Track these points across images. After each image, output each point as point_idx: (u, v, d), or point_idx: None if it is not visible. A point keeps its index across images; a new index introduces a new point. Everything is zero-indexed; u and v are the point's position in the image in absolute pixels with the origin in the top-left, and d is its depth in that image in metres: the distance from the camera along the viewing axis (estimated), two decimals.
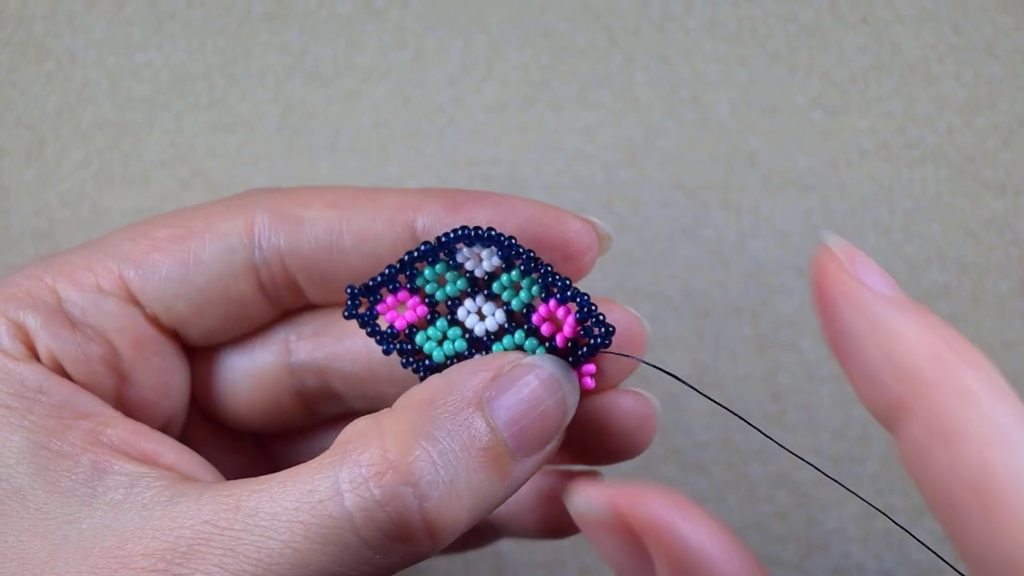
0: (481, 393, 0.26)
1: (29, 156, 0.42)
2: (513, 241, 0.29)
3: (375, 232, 0.29)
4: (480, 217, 0.29)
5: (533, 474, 0.27)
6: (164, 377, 0.30)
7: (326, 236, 0.29)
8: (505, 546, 0.41)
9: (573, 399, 0.27)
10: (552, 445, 0.27)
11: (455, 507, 0.24)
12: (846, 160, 0.42)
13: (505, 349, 0.29)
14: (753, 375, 0.41)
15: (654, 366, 0.29)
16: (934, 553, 0.28)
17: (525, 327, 0.29)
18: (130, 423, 0.27)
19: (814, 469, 0.33)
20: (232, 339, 0.31)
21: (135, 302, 0.29)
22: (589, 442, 0.30)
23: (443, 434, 0.25)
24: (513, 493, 0.26)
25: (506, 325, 0.29)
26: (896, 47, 0.42)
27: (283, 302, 0.31)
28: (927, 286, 0.41)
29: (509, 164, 0.42)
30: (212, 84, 0.42)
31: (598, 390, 0.29)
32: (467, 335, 0.29)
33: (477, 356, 0.29)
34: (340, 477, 0.24)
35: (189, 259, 0.29)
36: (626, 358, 0.29)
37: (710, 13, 0.42)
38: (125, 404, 0.29)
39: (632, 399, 0.29)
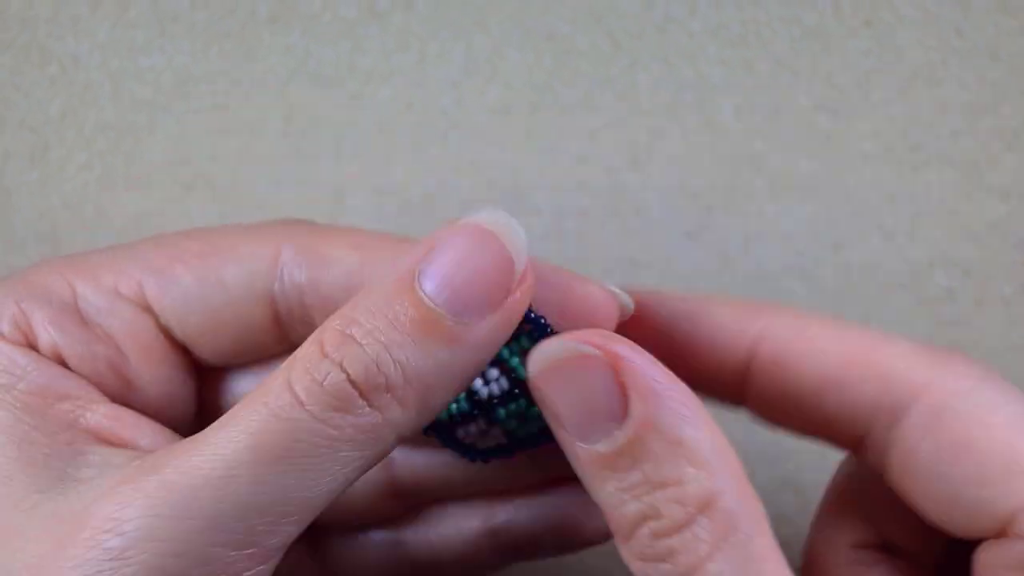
0: (414, 268, 0.25)
1: (32, 159, 0.42)
2: (545, 322, 0.28)
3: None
4: None
5: (504, 331, 0.26)
6: (169, 388, 0.29)
7: (345, 278, 0.29)
8: None
9: (518, 243, 0.26)
10: (515, 298, 0.26)
11: (390, 375, 0.24)
12: (850, 164, 0.42)
13: (508, 416, 0.29)
14: None
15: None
16: None
17: (531, 396, 0.29)
18: (113, 408, 0.27)
19: (820, 472, 0.33)
20: (239, 364, 0.31)
21: (150, 310, 0.29)
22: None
23: (368, 315, 0.25)
24: (483, 356, 0.26)
25: (511, 391, 0.29)
26: (899, 50, 0.42)
27: (295, 335, 0.30)
28: (931, 290, 0.41)
29: (512, 167, 0.42)
30: (215, 87, 0.42)
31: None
32: (472, 397, 0.29)
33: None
34: (290, 376, 0.24)
35: (210, 276, 0.29)
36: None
37: (714, 16, 0.42)
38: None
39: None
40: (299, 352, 0.25)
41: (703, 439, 0.24)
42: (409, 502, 0.32)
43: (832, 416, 0.28)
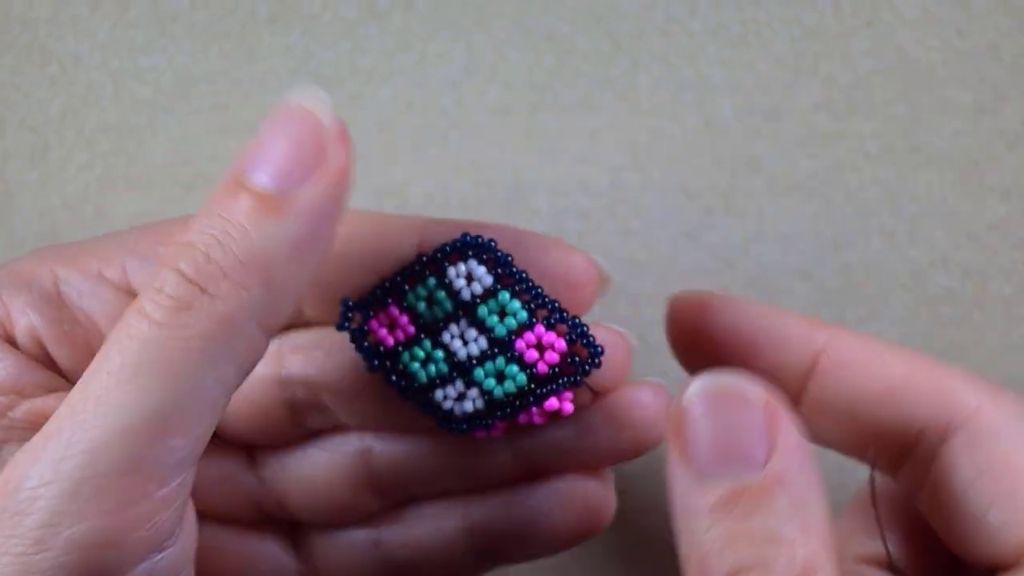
0: (239, 168, 0.26)
1: (32, 159, 0.42)
2: (509, 258, 0.29)
3: (379, 249, 0.30)
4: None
5: (333, 192, 0.26)
6: None
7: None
8: None
9: (316, 103, 0.26)
10: (337, 156, 0.26)
11: (223, 260, 0.25)
12: (850, 164, 0.42)
13: (486, 375, 0.29)
14: None
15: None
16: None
17: (508, 354, 0.29)
18: (52, 401, 0.28)
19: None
20: None
21: (132, 292, 0.30)
22: (606, 441, 0.30)
23: (200, 220, 0.25)
24: (317, 222, 0.26)
25: (488, 351, 0.29)
26: (901, 51, 0.42)
27: None
28: (931, 290, 0.41)
29: (512, 167, 0.42)
30: (216, 87, 0.42)
31: (603, 394, 0.30)
32: (450, 358, 0.29)
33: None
34: (140, 296, 0.25)
35: None
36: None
37: (714, 16, 0.42)
38: None
39: (650, 392, 0.30)
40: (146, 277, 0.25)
41: (821, 507, 0.24)
42: (388, 498, 0.32)
43: (886, 426, 0.29)
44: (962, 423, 0.28)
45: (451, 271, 0.29)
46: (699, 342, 0.29)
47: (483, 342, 0.29)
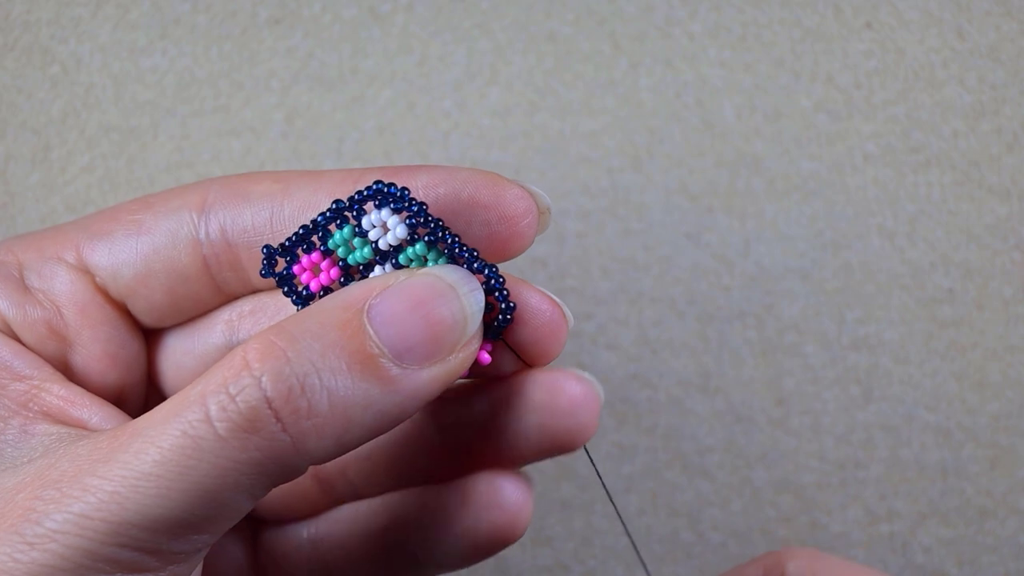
0: (363, 300, 0.25)
1: (34, 160, 0.42)
2: (424, 207, 0.28)
3: (315, 203, 0.29)
4: (416, 185, 0.29)
5: (439, 386, 0.26)
6: (111, 347, 0.30)
7: (268, 208, 0.29)
8: (508, 550, 0.41)
9: (474, 307, 0.26)
10: (457, 357, 0.26)
11: (314, 401, 0.24)
12: (850, 165, 0.42)
13: (409, 259, 0.29)
14: (757, 380, 0.41)
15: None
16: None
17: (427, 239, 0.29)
18: (67, 389, 0.28)
19: (819, 473, 0.33)
20: (179, 322, 0.32)
21: (87, 272, 0.30)
22: (529, 424, 0.30)
23: (306, 334, 0.24)
24: (413, 405, 0.25)
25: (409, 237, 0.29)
26: (900, 52, 0.42)
27: (228, 285, 0.31)
28: (931, 291, 0.41)
29: (513, 169, 0.42)
30: (217, 89, 0.42)
31: (528, 364, 0.30)
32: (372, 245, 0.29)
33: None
34: (206, 387, 0.24)
35: (139, 229, 0.30)
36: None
37: (715, 18, 0.42)
38: (70, 368, 0.30)
39: (576, 382, 0.29)
40: (225, 358, 0.25)
41: None
42: (332, 491, 0.33)
43: None
44: None
45: (365, 220, 0.29)
46: None
47: (402, 230, 0.29)
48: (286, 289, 0.30)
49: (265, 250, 0.29)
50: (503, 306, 0.28)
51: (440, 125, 0.42)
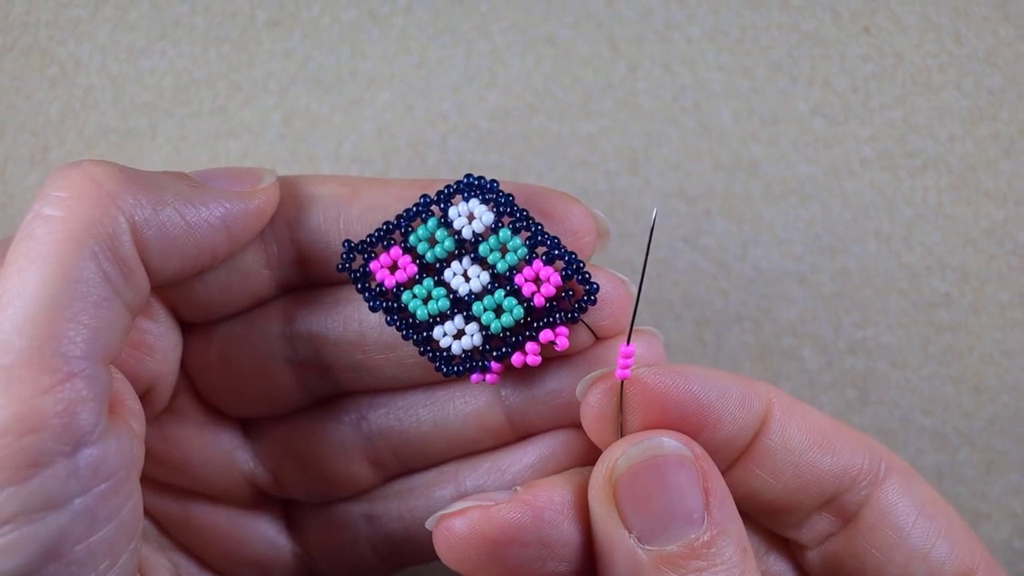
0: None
1: (33, 161, 0.42)
2: (511, 198, 0.30)
3: (384, 204, 0.30)
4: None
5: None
6: (149, 338, 0.31)
7: (336, 207, 0.30)
8: None
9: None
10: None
11: None
12: (848, 169, 0.42)
13: (485, 309, 0.30)
14: None
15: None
16: None
17: (507, 287, 0.30)
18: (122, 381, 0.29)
19: None
20: (229, 314, 0.32)
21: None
22: None
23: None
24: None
25: (489, 286, 0.30)
26: (898, 56, 0.42)
27: (286, 279, 0.32)
28: (928, 295, 0.41)
29: (511, 172, 0.42)
30: (215, 91, 0.42)
31: (601, 339, 0.30)
32: (451, 295, 0.30)
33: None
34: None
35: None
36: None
37: (713, 22, 0.42)
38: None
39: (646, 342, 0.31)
40: None
41: (750, 549, 0.27)
42: (382, 468, 0.33)
43: (824, 473, 0.30)
44: (891, 467, 0.30)
45: (452, 211, 0.30)
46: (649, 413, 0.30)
47: (485, 278, 0.30)
48: (360, 286, 0.30)
49: (346, 244, 0.30)
50: (586, 288, 0.29)
51: (438, 127, 0.42)
